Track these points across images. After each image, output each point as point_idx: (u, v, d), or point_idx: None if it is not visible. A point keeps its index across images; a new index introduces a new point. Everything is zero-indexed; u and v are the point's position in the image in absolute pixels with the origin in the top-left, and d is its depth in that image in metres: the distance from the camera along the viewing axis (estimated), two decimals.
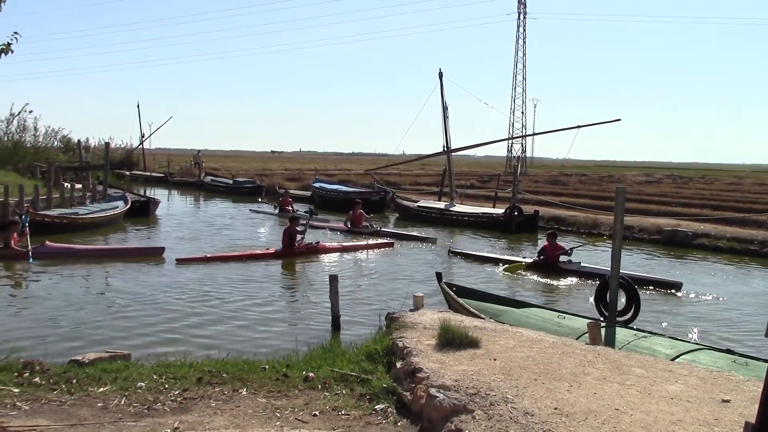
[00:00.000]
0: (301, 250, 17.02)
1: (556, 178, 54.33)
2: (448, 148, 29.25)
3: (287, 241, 17.02)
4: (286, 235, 17.13)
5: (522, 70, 71.58)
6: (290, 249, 16.92)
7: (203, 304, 11.56)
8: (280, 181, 43.20)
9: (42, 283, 13.25)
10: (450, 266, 16.54)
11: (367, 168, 49.47)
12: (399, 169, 50.13)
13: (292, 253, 16.85)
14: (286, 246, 16.99)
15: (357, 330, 9.87)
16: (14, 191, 21.37)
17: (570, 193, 37.05)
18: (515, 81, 71.80)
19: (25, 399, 4.96)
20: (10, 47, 20.58)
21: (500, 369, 5.41)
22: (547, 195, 33.50)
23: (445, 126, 28.96)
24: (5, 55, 21.10)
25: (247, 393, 5.35)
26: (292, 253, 16.85)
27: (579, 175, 61.69)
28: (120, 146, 55.83)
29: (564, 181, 51.95)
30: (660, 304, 12.93)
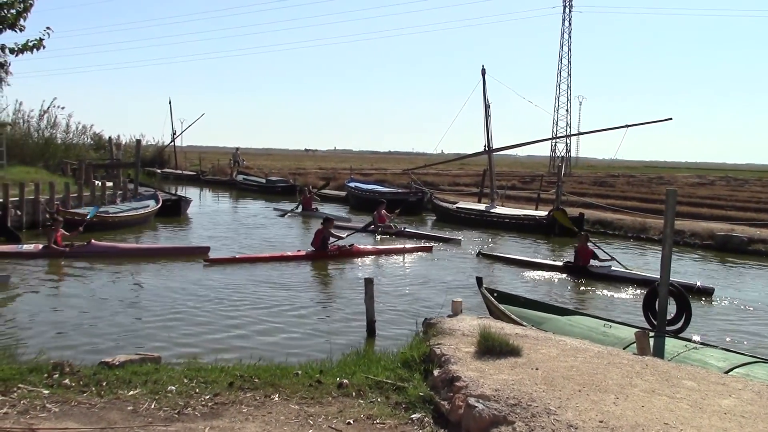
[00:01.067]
0: (333, 253, 17.02)
1: (603, 180, 53.74)
2: (489, 147, 29.11)
3: (320, 243, 16.98)
4: (318, 237, 17.06)
5: (567, 66, 70.83)
6: (322, 251, 16.93)
7: (233, 307, 11.68)
8: (314, 180, 43.35)
9: (77, 282, 13.58)
10: (491, 270, 16.46)
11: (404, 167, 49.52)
12: (438, 169, 50.09)
13: (324, 255, 16.86)
14: (318, 248, 16.97)
15: (392, 336, 9.88)
16: (45, 189, 21.80)
17: (617, 196, 36.62)
18: (560, 77, 71.07)
19: (54, 401, 5.05)
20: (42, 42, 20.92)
21: (542, 379, 5.37)
22: (593, 197, 33.17)
23: (487, 125, 28.85)
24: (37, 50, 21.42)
25: (279, 399, 5.37)
26: (325, 255, 16.86)
27: (627, 177, 60.99)
28: (151, 144, 56.59)
29: (611, 182, 51.37)
30: None
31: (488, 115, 28.81)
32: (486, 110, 28.79)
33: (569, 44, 70.30)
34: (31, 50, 21.76)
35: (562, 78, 70.72)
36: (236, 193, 41.31)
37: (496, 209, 27.11)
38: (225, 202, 36.88)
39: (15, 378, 5.48)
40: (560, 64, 70.74)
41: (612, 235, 24.63)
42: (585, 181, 51.30)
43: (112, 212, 22.52)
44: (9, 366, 5.89)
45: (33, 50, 21.31)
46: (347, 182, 36.53)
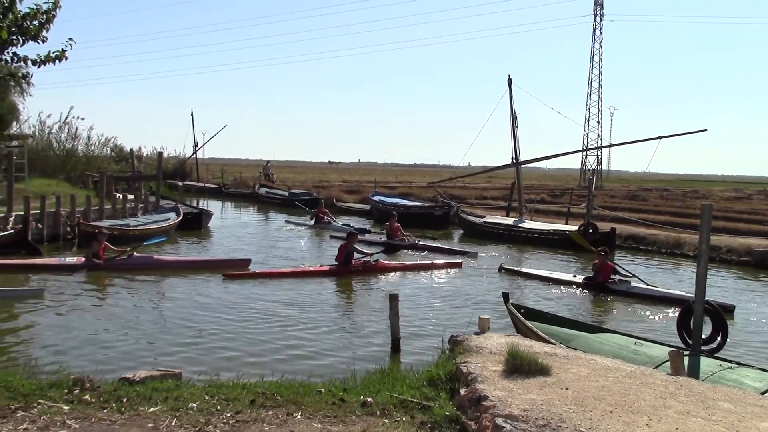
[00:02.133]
0: (357, 268, 17.00)
1: (635, 193, 53.40)
2: (517, 159, 29.04)
3: (343, 258, 16.96)
4: (342, 252, 17.04)
5: (598, 77, 70.63)
6: (346, 267, 16.90)
7: (254, 323, 11.75)
8: (338, 193, 43.51)
9: (106, 296, 13.89)
10: (516, 286, 16.39)
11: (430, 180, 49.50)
12: (464, 182, 50.01)
13: (347, 271, 16.84)
14: (342, 263, 16.95)
15: (418, 353, 9.87)
16: (66, 201, 22.07)
17: (650, 210, 36.30)
18: (590, 88, 70.86)
19: (75, 417, 5.09)
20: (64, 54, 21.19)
21: (572, 399, 5.34)
22: (625, 211, 32.96)
23: (515, 136, 28.78)
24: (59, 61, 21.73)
25: (302, 417, 5.38)
26: (348, 271, 16.84)
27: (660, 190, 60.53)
28: (173, 156, 57.14)
29: (643, 196, 51.01)
30: None
31: (515, 126, 28.74)
32: (513, 121, 28.72)
33: (600, 54, 70.20)
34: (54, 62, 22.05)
35: (593, 88, 70.58)
36: (258, 207, 41.55)
37: (525, 224, 26.98)
38: (247, 215, 37.10)
39: (35, 393, 5.55)
40: (591, 74, 70.60)
41: (645, 250, 24.43)
42: (617, 194, 51.01)
43: (133, 225, 22.75)
44: (29, 381, 5.96)
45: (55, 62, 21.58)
46: (371, 195, 36.57)
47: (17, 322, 11.54)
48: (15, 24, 22.92)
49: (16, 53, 23.76)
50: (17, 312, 12.14)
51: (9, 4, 21.46)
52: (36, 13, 21.82)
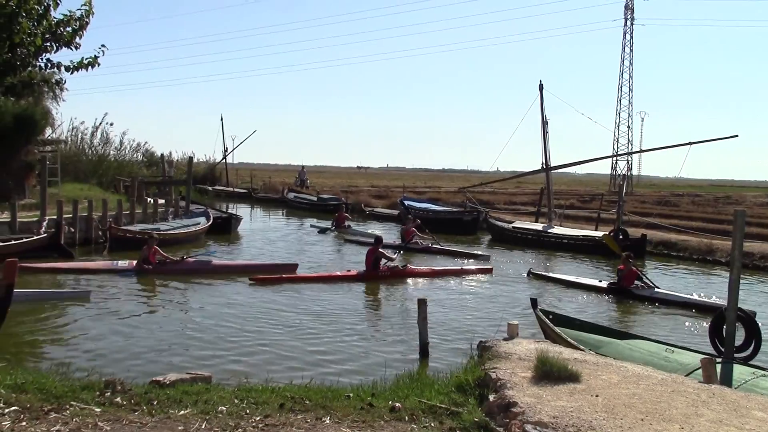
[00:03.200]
0: (385, 273, 16.98)
1: (666, 199, 52.75)
2: (547, 165, 28.89)
3: (371, 263, 16.96)
4: (370, 257, 17.04)
5: (628, 81, 69.93)
6: (374, 272, 16.89)
7: (283, 327, 11.81)
8: (367, 198, 43.54)
9: (148, 300, 14.15)
10: (544, 292, 16.30)
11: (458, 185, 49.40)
12: (493, 187, 49.82)
13: (375, 276, 16.84)
14: (370, 269, 16.94)
15: (446, 358, 9.85)
16: (98, 206, 22.34)
17: (681, 216, 35.88)
18: (621, 93, 70.18)
19: (106, 419, 5.15)
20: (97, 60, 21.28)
21: (603, 406, 5.30)
22: (656, 217, 32.57)
23: (545, 141, 28.64)
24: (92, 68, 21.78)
25: (330, 422, 5.39)
26: (376, 276, 16.84)
27: (692, 196, 59.73)
28: (203, 161, 57.56)
29: (675, 201, 50.39)
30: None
31: (546, 132, 28.61)
32: (543, 126, 28.59)
33: (631, 58, 69.53)
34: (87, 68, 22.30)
35: (623, 93, 69.89)
36: (287, 211, 41.73)
37: (554, 229, 26.84)
38: (276, 219, 37.28)
39: (68, 395, 5.62)
40: (621, 79, 69.95)
41: (676, 257, 24.16)
42: (647, 200, 50.42)
43: (164, 229, 22.96)
44: (62, 383, 6.03)
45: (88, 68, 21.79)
46: (400, 200, 36.52)
47: (56, 323, 11.78)
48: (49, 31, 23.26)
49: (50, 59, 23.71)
50: (58, 313, 12.39)
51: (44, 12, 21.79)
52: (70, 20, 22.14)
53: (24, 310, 11.95)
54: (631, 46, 69.50)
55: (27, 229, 19.50)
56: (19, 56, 23.59)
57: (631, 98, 69.91)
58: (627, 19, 69.44)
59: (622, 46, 69.65)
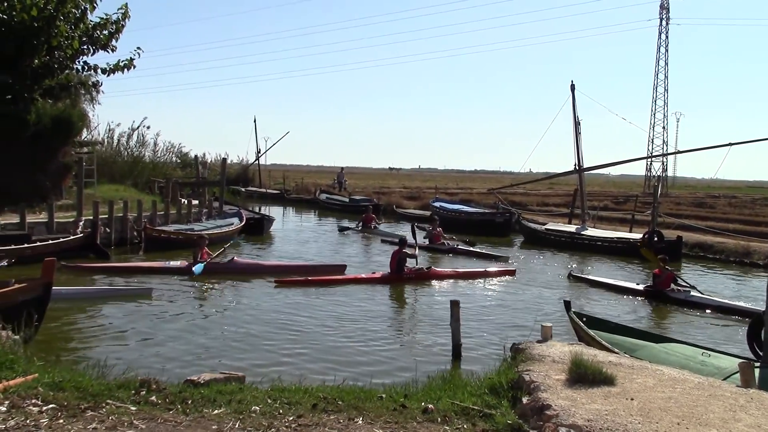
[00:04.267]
0: (409, 276, 16.88)
1: (702, 200, 52.05)
2: (580, 166, 28.66)
3: (395, 265, 16.85)
4: (394, 260, 16.93)
5: (663, 81, 69.18)
6: (398, 274, 16.80)
7: (314, 328, 11.88)
8: (398, 199, 43.55)
9: (188, 299, 14.27)
10: (577, 294, 16.17)
11: (490, 187, 49.21)
12: (525, 188, 49.60)
13: (400, 278, 16.74)
14: (394, 271, 16.85)
15: (478, 360, 9.83)
16: (133, 206, 22.62)
17: (718, 217, 35.37)
18: (655, 93, 69.47)
19: (141, 417, 5.20)
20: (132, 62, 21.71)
21: (638, 410, 5.23)
22: (692, 219, 32.20)
23: (577, 142, 28.42)
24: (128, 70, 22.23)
25: (363, 422, 5.39)
26: (401, 278, 16.75)
27: (728, 197, 58.86)
28: (236, 162, 57.97)
29: (711, 203, 49.72)
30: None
31: (578, 133, 28.39)
32: (576, 127, 28.38)
33: (666, 58, 68.79)
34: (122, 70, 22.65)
35: (658, 93, 69.18)
36: (318, 212, 41.88)
37: (588, 231, 26.63)
38: (308, 220, 37.44)
39: (104, 394, 5.68)
40: (656, 79, 69.23)
41: (712, 259, 23.84)
42: (683, 201, 49.82)
43: (198, 230, 23.16)
44: (98, 382, 6.11)
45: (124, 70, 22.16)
46: (432, 202, 36.48)
47: (96, 322, 12.01)
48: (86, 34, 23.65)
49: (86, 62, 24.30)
50: (99, 312, 12.62)
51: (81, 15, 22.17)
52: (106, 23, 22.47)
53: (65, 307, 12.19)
54: (666, 46, 68.80)
55: (64, 230, 19.81)
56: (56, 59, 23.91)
57: (667, 98, 69.20)
58: (662, 19, 68.73)
59: (657, 46, 68.96)
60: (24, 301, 9.10)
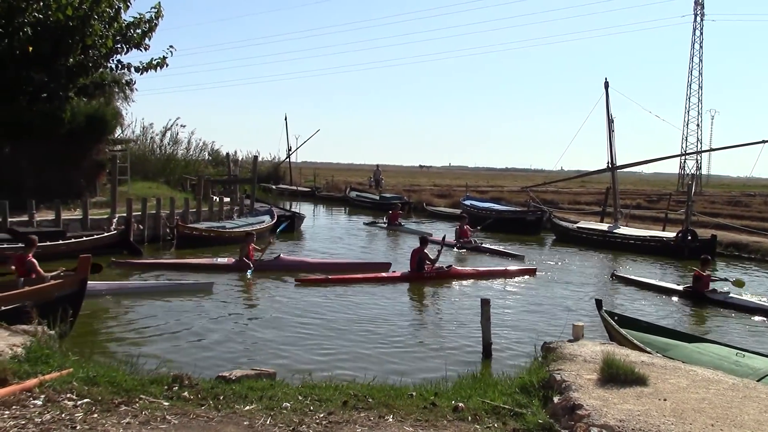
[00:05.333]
0: (430, 275, 16.72)
1: (737, 199, 51.25)
2: (612, 164, 28.40)
3: (416, 264, 16.69)
4: (414, 258, 16.76)
5: (698, 78, 68.21)
6: (418, 273, 16.66)
7: (342, 326, 11.89)
8: (429, 197, 43.49)
9: (229, 296, 14.31)
10: (607, 293, 16.03)
11: (522, 185, 48.97)
12: (557, 186, 49.27)
13: (420, 277, 16.61)
14: (414, 269, 16.71)
15: (508, 359, 9.80)
16: (165, 204, 22.84)
17: (753, 216, 34.80)
18: (690, 90, 68.52)
19: (174, 413, 5.26)
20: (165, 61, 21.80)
21: (671, 411, 5.19)
22: (726, 217, 31.74)
23: (610, 140, 28.16)
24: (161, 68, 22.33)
25: (393, 420, 5.41)
26: (421, 277, 16.61)
27: (764, 196, 57.87)
28: (267, 160, 58.21)
29: (746, 202, 48.93)
30: None
31: (611, 130, 28.12)
32: (609, 125, 28.11)
33: (700, 55, 67.82)
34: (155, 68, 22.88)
35: (692, 91, 68.22)
36: (349, 210, 41.97)
37: (620, 229, 26.38)
38: (338, 218, 37.54)
39: (137, 389, 5.76)
40: (690, 76, 68.31)
41: (748, 258, 23.52)
42: (717, 200, 49.10)
43: (229, 227, 23.34)
44: (132, 377, 6.19)
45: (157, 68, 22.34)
46: (462, 200, 36.35)
47: (131, 317, 12.14)
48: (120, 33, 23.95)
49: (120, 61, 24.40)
50: (134, 307, 12.76)
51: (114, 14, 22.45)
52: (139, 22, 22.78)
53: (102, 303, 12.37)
54: (700, 43, 67.82)
55: (98, 226, 20.05)
56: (91, 58, 24.35)
57: (701, 96, 68.21)
58: (697, 15, 67.73)
59: (692, 43, 67.99)
60: (60, 296, 9.23)
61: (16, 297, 8.89)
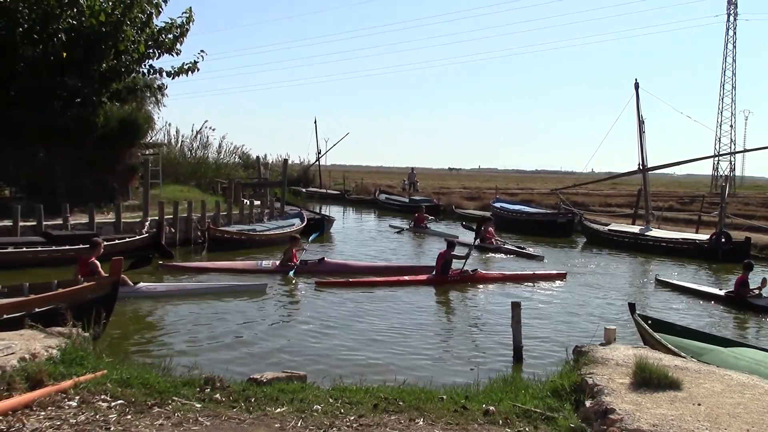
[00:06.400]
0: (454, 278, 16.53)
1: None
2: (644, 165, 28.16)
3: (441, 267, 16.57)
4: (440, 261, 16.64)
5: (731, 78, 67.49)
6: (443, 276, 16.52)
7: (372, 329, 11.90)
8: (458, 200, 43.39)
9: (268, 299, 14.36)
10: (640, 296, 15.87)
11: (552, 187, 48.68)
12: (588, 188, 48.87)
13: (445, 280, 16.45)
14: (439, 273, 16.58)
15: (539, 363, 9.72)
16: (197, 207, 23.04)
17: None
18: (723, 90, 67.81)
19: (206, 414, 5.30)
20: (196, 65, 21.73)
21: (705, 416, 5.12)
22: (761, 220, 31.30)
23: (641, 141, 27.93)
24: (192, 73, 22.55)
25: (424, 423, 5.40)
26: (446, 280, 16.45)
27: None
28: (297, 163, 58.53)
29: None
30: None
31: (642, 132, 27.89)
32: (640, 126, 27.88)
33: (734, 54, 67.10)
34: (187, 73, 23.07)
35: (725, 91, 67.53)
36: (378, 212, 42.02)
37: (652, 232, 26.10)
38: (368, 220, 37.59)
39: (170, 391, 5.81)
40: (723, 77, 67.59)
41: None
42: (752, 202, 48.36)
43: (260, 230, 23.48)
44: (164, 379, 6.24)
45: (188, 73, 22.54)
46: (492, 202, 36.23)
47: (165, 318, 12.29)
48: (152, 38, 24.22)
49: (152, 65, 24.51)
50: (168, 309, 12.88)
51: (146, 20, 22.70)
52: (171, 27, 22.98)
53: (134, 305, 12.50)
54: (734, 42, 67.14)
55: (130, 229, 20.29)
56: (123, 63, 24.67)
57: (734, 96, 67.63)
58: (730, 15, 67.07)
59: (725, 43, 67.31)
60: (93, 299, 9.34)
61: (50, 299, 9.03)
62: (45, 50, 22.31)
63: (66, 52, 22.08)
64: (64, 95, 23.53)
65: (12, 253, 16.36)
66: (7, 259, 16.06)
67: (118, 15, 21.82)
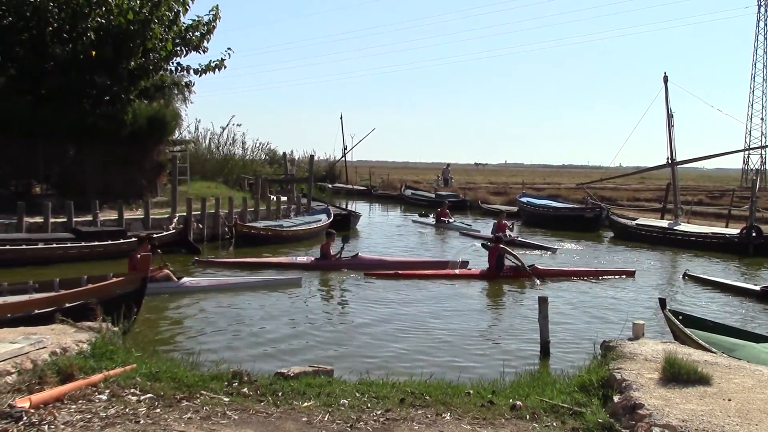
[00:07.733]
0: (508, 274, 16.52)
1: None
2: (672, 159, 27.88)
3: (494, 262, 16.55)
4: (493, 256, 16.63)
5: (762, 71, 66.51)
6: (496, 272, 16.53)
7: (402, 322, 11.90)
8: (485, 195, 43.27)
9: (299, 294, 14.37)
10: (673, 292, 15.70)
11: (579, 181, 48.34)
12: (615, 183, 48.43)
13: (497, 276, 16.46)
14: (493, 268, 16.58)
15: (568, 358, 9.66)
16: (224, 203, 23.18)
17: None
18: (753, 83, 66.93)
19: (234, 408, 5.33)
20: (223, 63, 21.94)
21: (736, 411, 5.06)
22: None
23: (670, 135, 27.67)
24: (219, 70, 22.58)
25: (450, 418, 5.38)
26: (498, 276, 16.46)
27: None
28: (323, 159, 58.68)
29: None
30: None
31: (671, 125, 27.63)
32: (668, 120, 27.62)
33: (764, 47, 66.14)
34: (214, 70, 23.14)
35: (756, 84, 66.64)
36: (404, 208, 42.01)
37: (681, 226, 25.82)
38: (394, 216, 37.61)
39: (198, 385, 5.85)
40: (754, 69, 66.70)
41: None
42: None
43: (286, 226, 23.57)
44: (193, 373, 6.30)
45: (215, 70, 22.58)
46: (519, 197, 36.10)
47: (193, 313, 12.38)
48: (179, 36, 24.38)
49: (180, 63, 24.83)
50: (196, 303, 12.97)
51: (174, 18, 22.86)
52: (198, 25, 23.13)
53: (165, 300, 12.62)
54: (765, 34, 66.13)
55: (158, 225, 20.46)
56: (151, 61, 24.86)
57: (765, 89, 66.50)
58: (761, 6, 66.09)
59: (755, 35, 66.43)
60: (122, 294, 9.46)
61: (80, 294, 9.14)
62: (74, 49, 22.54)
63: (95, 51, 22.29)
64: (94, 93, 23.76)
65: (43, 249, 16.58)
66: (37, 255, 16.29)
67: (146, 13, 22.00)
